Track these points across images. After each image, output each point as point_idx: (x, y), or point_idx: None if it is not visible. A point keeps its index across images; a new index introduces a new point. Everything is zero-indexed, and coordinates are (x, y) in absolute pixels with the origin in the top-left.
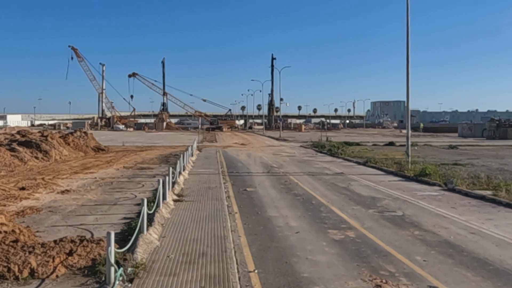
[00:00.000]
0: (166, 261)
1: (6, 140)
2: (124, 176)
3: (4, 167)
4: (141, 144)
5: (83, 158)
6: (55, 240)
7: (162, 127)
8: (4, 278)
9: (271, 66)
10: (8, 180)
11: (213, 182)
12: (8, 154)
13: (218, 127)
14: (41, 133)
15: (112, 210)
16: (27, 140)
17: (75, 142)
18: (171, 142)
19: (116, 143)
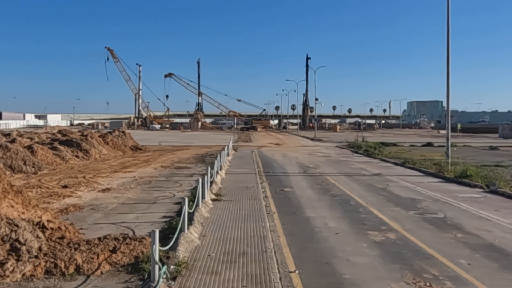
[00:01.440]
0: (207, 260)
1: (48, 139)
2: (162, 175)
3: (46, 165)
4: (177, 143)
5: (122, 157)
6: (99, 237)
7: (197, 127)
8: (51, 273)
9: (306, 66)
10: (51, 178)
11: (250, 181)
12: (50, 153)
13: (253, 127)
14: (81, 133)
15: (151, 208)
16: (68, 139)
17: (113, 141)
18: (206, 141)
19: (152, 143)
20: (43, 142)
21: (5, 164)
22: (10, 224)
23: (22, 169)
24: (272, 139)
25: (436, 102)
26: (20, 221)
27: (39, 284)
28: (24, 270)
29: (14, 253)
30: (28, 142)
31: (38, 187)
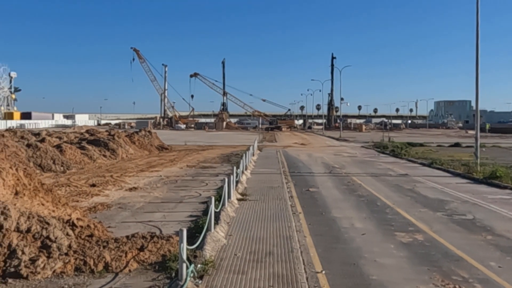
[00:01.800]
0: (233, 259)
1: (76, 138)
2: (187, 174)
3: (75, 164)
4: (202, 143)
5: (148, 157)
6: (127, 235)
7: (222, 126)
8: (80, 271)
9: (331, 65)
10: (79, 177)
11: (275, 181)
12: (78, 152)
13: (277, 127)
14: (108, 132)
15: (178, 207)
16: (95, 139)
17: (140, 141)
18: (231, 141)
19: (177, 142)
20: (71, 142)
21: (35, 163)
22: (41, 221)
23: (51, 168)
24: (297, 139)
25: (464, 102)
26: (51, 219)
27: (69, 281)
28: (55, 267)
29: (45, 250)
30: (57, 141)
31: (67, 186)
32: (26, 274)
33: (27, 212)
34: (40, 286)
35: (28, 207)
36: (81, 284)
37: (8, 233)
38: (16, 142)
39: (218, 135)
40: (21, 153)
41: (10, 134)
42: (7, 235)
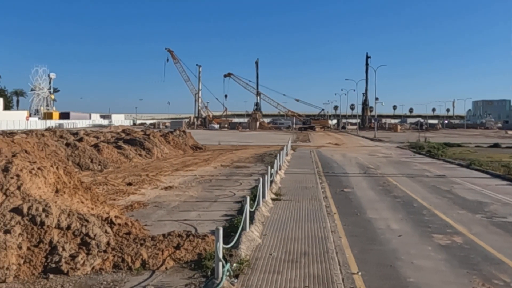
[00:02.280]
0: (269, 259)
1: (112, 138)
2: (222, 174)
3: (111, 163)
4: (236, 143)
5: (182, 156)
6: (163, 234)
7: (256, 126)
8: (118, 268)
9: (365, 65)
10: (116, 176)
11: (309, 182)
12: (115, 152)
13: (311, 127)
14: (144, 132)
15: (212, 207)
16: (131, 139)
17: (175, 140)
18: (265, 141)
19: (211, 142)
20: (108, 141)
21: (73, 162)
22: (80, 219)
23: (89, 167)
24: (330, 139)
25: (503, 101)
26: (90, 216)
27: (107, 278)
28: (94, 264)
29: (85, 247)
30: (94, 141)
31: (105, 184)
32: (67, 270)
33: (67, 210)
34: (80, 282)
35: (68, 205)
36: (119, 281)
37: (49, 229)
38: (55, 141)
39: (252, 135)
40: (60, 152)
41: (50, 134)
42: (49, 232)
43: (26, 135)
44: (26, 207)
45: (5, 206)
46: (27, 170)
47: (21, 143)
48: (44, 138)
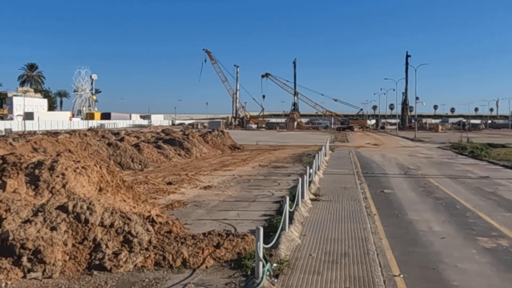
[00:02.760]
0: (308, 259)
1: (152, 138)
2: (260, 174)
3: (152, 163)
4: (274, 143)
5: (221, 156)
6: (203, 233)
7: (293, 126)
8: (160, 266)
9: (405, 64)
10: (156, 175)
11: (348, 182)
12: (155, 151)
13: (349, 127)
14: (183, 132)
15: (251, 206)
16: (171, 138)
17: (213, 140)
18: (302, 141)
19: (249, 142)
20: (148, 141)
21: (115, 161)
22: (123, 217)
23: (130, 166)
24: (369, 139)
25: None
26: (132, 214)
27: (149, 275)
28: (136, 261)
29: (127, 245)
30: (135, 140)
31: (145, 183)
32: (110, 267)
33: (111, 208)
34: (123, 279)
35: (111, 203)
36: (160, 279)
37: (93, 227)
38: (97, 141)
39: (289, 135)
40: (102, 151)
41: (92, 134)
42: (93, 229)
43: (70, 135)
44: (71, 205)
45: (51, 204)
46: (72, 169)
47: (65, 142)
48: (87, 138)
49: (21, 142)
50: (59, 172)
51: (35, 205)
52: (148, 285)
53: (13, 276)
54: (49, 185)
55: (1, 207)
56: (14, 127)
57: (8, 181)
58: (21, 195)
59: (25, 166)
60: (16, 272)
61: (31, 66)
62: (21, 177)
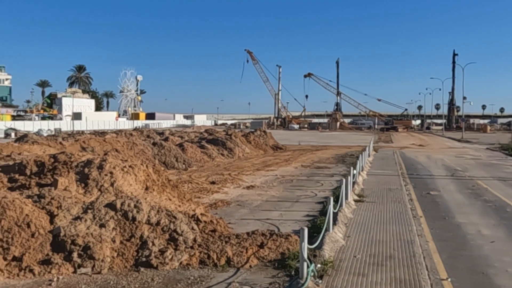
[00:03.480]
0: (353, 261)
1: (196, 138)
2: (302, 174)
3: (195, 162)
4: (316, 143)
5: (263, 156)
6: (247, 232)
7: (336, 127)
8: (204, 264)
9: (452, 62)
10: (199, 175)
11: (393, 183)
12: (198, 151)
13: (393, 127)
14: (225, 132)
15: (294, 207)
16: (214, 138)
17: (255, 140)
18: (345, 142)
19: (291, 142)
20: (192, 141)
21: (159, 161)
22: (169, 215)
23: (174, 166)
24: (414, 140)
25: None
26: (178, 213)
27: (194, 273)
28: (181, 259)
29: (173, 243)
30: (179, 140)
31: (189, 183)
32: (156, 264)
33: (157, 206)
34: (169, 276)
35: (157, 202)
36: (205, 277)
37: (140, 225)
38: (143, 140)
39: (332, 135)
40: (147, 151)
41: (138, 133)
42: (139, 227)
43: (116, 135)
44: (119, 203)
45: (100, 202)
46: (120, 168)
47: (112, 142)
48: (133, 137)
49: (70, 141)
50: (108, 171)
51: (84, 202)
52: (193, 283)
53: (64, 271)
54: (98, 183)
55: (53, 204)
56: (63, 127)
57: (60, 179)
58: (71, 192)
59: (75, 165)
60: (67, 267)
61: (79, 67)
62: (72, 175)
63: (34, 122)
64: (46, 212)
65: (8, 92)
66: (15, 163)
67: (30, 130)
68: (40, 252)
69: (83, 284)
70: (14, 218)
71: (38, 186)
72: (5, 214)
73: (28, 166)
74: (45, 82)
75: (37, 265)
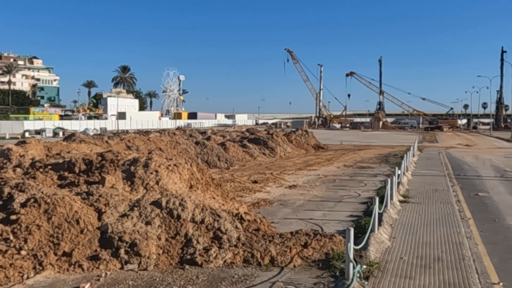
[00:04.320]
0: (399, 263)
1: (238, 137)
2: (345, 174)
3: (237, 161)
4: (358, 143)
5: (305, 156)
6: (291, 232)
7: (378, 126)
8: (248, 263)
9: (500, 60)
10: (241, 174)
11: (439, 184)
12: (240, 150)
13: (438, 127)
14: (267, 131)
15: (337, 207)
16: (255, 138)
17: (297, 140)
18: (388, 141)
19: (333, 142)
20: (233, 140)
21: (202, 160)
22: (213, 214)
23: (217, 165)
24: (460, 140)
25: None
26: (221, 211)
27: (238, 271)
28: (225, 257)
29: (217, 241)
30: (220, 139)
31: (231, 182)
32: (201, 262)
33: (201, 205)
34: (213, 274)
35: (201, 200)
36: (249, 276)
37: (185, 223)
38: (185, 140)
39: (374, 135)
40: (190, 150)
41: (180, 133)
42: (184, 225)
43: (160, 134)
44: (165, 200)
45: (146, 199)
46: (165, 166)
47: (156, 141)
48: (176, 136)
49: (115, 140)
50: (153, 169)
51: (131, 200)
52: (237, 281)
53: (111, 267)
54: (144, 181)
55: (101, 202)
56: (108, 126)
57: (107, 177)
58: (118, 190)
59: (121, 163)
60: (114, 263)
61: (124, 68)
62: (118, 173)
63: (81, 122)
64: (94, 209)
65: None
66: (64, 161)
67: (77, 129)
68: (88, 248)
69: (130, 280)
70: (64, 215)
71: (87, 183)
72: (56, 210)
73: (77, 164)
74: (91, 82)
75: (86, 261)
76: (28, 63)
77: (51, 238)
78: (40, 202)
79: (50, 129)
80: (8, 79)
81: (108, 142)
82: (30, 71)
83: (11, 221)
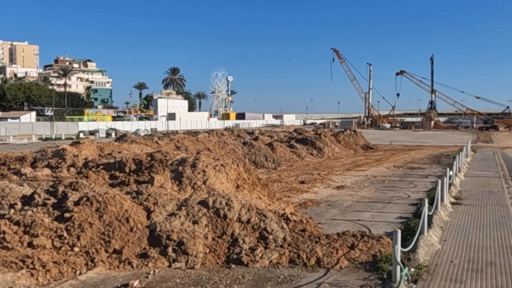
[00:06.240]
0: (449, 266)
1: (285, 137)
2: (395, 175)
3: (284, 162)
4: (409, 143)
5: (353, 156)
6: (337, 233)
7: (430, 126)
8: (294, 263)
9: None
10: (289, 174)
11: (493, 186)
12: (287, 150)
13: (493, 126)
14: (315, 131)
15: (386, 208)
16: (303, 138)
17: (345, 140)
18: (441, 141)
19: (382, 142)
20: (281, 140)
21: (249, 160)
22: (259, 214)
23: (264, 165)
24: None
25: None
26: (267, 212)
27: (284, 272)
28: (271, 258)
29: (263, 241)
30: (268, 140)
31: (279, 182)
32: (247, 261)
33: (247, 205)
34: (259, 274)
35: (248, 200)
36: (295, 276)
37: (231, 222)
38: (233, 140)
39: (426, 135)
40: (238, 150)
41: (228, 133)
42: (231, 225)
43: (208, 134)
44: (211, 200)
45: (193, 199)
46: (212, 166)
47: (204, 141)
48: (224, 137)
49: (165, 140)
50: (200, 169)
51: (179, 199)
52: (283, 282)
53: (160, 265)
54: (191, 181)
55: (150, 201)
56: (158, 127)
57: (156, 176)
58: (166, 189)
59: (170, 163)
60: (162, 261)
61: (174, 70)
62: (167, 173)
63: (132, 123)
64: (144, 208)
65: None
66: (115, 161)
67: (129, 130)
68: (138, 246)
69: (178, 278)
70: (114, 213)
71: (136, 183)
72: (107, 209)
73: (127, 164)
74: (142, 84)
75: (135, 258)
76: (82, 66)
77: (102, 236)
78: (92, 201)
79: (103, 130)
80: (64, 82)
81: (158, 143)
82: (84, 74)
83: (65, 219)
